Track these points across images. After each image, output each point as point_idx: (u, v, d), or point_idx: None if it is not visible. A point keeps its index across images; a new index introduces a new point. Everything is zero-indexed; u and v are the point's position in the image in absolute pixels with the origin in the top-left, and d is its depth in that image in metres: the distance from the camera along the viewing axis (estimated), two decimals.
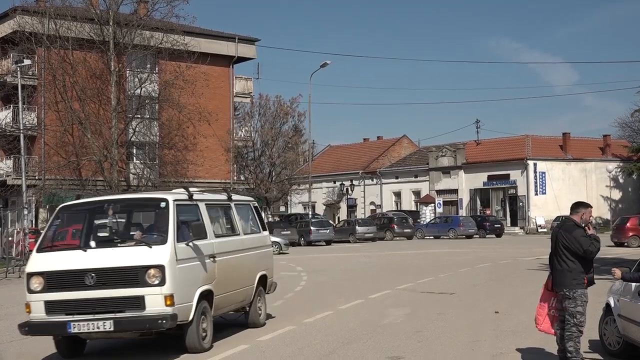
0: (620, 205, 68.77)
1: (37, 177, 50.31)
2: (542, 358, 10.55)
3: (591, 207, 10.34)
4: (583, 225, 9.94)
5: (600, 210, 66.60)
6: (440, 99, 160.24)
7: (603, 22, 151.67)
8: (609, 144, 71.97)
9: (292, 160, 65.86)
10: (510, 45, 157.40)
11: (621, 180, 68.93)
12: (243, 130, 62.39)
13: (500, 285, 21.31)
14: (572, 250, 9.74)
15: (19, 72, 41.93)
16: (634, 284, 10.20)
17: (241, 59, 61.45)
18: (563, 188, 63.36)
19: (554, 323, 10.07)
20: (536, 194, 65.20)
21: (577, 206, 10.33)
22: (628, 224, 40.70)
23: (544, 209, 62.60)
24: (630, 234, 39.91)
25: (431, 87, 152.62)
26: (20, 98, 41.44)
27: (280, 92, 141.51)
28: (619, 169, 66.99)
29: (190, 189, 12.44)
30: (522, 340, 11.53)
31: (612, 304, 10.94)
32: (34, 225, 45.82)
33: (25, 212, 38.78)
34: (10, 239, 32.18)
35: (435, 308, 16.36)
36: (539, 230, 61.11)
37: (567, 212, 10.74)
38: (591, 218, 10.46)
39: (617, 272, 10.27)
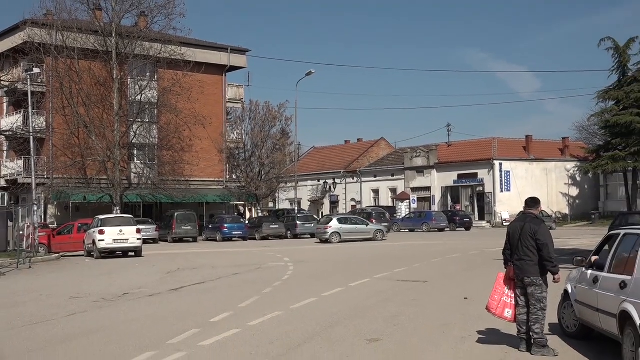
0: (577, 201, 69.10)
1: (45, 176, 50.09)
2: (504, 339, 10.59)
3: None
4: None
5: (560, 206, 67.05)
6: (415, 105, 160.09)
7: (564, 34, 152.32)
8: (568, 146, 72.20)
9: (280, 160, 65.80)
10: (478, 56, 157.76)
11: (578, 179, 69.20)
12: (235, 133, 62.25)
13: (469, 274, 21.40)
14: (539, 241, 9.82)
15: (28, 80, 41.71)
16: (589, 271, 10.29)
17: (233, 68, 61.34)
18: (526, 186, 63.50)
19: (505, 309, 10.13)
20: (501, 191, 65.33)
21: (535, 202, 10.45)
22: None
23: (509, 204, 62.73)
24: None
25: (407, 94, 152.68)
26: (30, 104, 41.22)
27: (269, 98, 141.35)
28: (577, 169, 67.19)
29: None
30: (488, 323, 11.56)
31: (570, 291, 11.00)
32: (43, 220, 45.70)
33: (35, 208, 38.51)
34: (21, 232, 32.00)
35: (409, 295, 16.38)
36: (504, 224, 61.13)
37: None
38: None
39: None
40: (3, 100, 54.62)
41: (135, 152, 54.28)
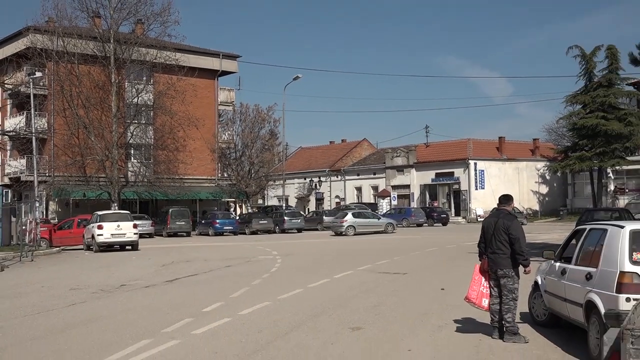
0: (547, 199, 69.45)
1: (47, 174, 49.95)
2: (478, 327, 10.63)
3: None
4: None
5: (530, 203, 67.36)
6: (396, 108, 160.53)
7: (535, 42, 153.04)
8: (538, 147, 72.51)
9: (269, 159, 65.81)
10: (455, 62, 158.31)
11: (548, 177, 69.51)
12: (226, 134, 62.28)
13: (445, 266, 21.45)
14: (511, 235, 9.86)
15: (31, 83, 41.62)
16: (557, 264, 10.34)
17: (225, 73, 61.34)
18: (499, 184, 63.72)
19: (482, 298, 10.17)
20: (476, 189, 65.54)
21: (508, 199, 10.50)
22: None
23: (483, 201, 62.95)
24: None
25: (388, 97, 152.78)
26: (32, 105, 41.11)
27: (258, 101, 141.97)
28: (546, 168, 67.47)
29: None
30: (464, 313, 11.60)
31: (540, 282, 11.05)
32: (44, 216, 45.50)
33: (37, 204, 38.44)
34: (24, 227, 31.84)
35: (390, 286, 16.41)
36: (479, 219, 61.37)
37: None
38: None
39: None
40: (7, 102, 54.48)
41: (132, 152, 54.18)
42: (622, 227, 8.78)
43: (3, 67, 52.95)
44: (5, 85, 47.81)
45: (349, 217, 45.56)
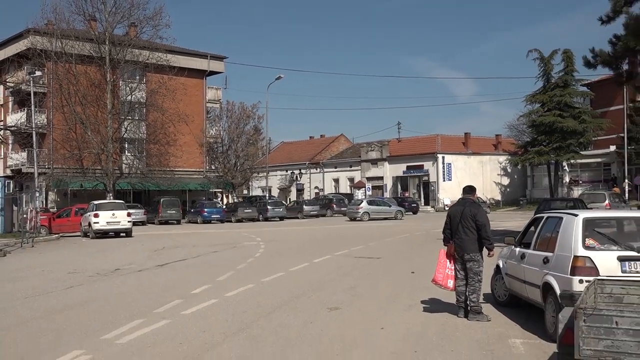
0: (508, 189, 69.83)
1: (46, 166, 49.52)
2: (444, 307, 10.68)
3: None
4: None
5: (493, 193, 67.67)
6: (371, 105, 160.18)
7: (499, 45, 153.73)
8: (500, 142, 72.83)
9: (253, 153, 65.83)
10: (425, 64, 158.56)
11: (509, 170, 69.89)
12: (213, 129, 62.03)
13: (415, 251, 21.53)
14: (478, 222, 9.91)
15: (31, 82, 41.26)
16: (517, 249, 10.42)
17: (212, 73, 60.99)
18: (465, 176, 63.94)
19: (448, 280, 10.22)
20: (444, 180, 65.80)
21: (472, 190, 10.59)
22: None
23: (450, 192, 63.19)
24: None
25: (364, 96, 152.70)
26: (32, 102, 40.86)
27: (244, 99, 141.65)
28: (507, 161, 67.79)
29: None
30: (431, 294, 11.66)
31: (501, 265, 11.13)
32: (44, 205, 45.16)
33: (37, 194, 38.13)
34: (25, 216, 31.65)
35: (365, 269, 16.45)
36: (446, 208, 61.71)
37: None
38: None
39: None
40: (9, 99, 54.15)
41: (126, 146, 53.79)
42: (576, 215, 8.87)
43: (5, 66, 52.50)
44: (7, 84, 47.50)
45: (364, 205, 47.46)
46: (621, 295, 7.18)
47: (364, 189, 71.25)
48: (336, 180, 77.68)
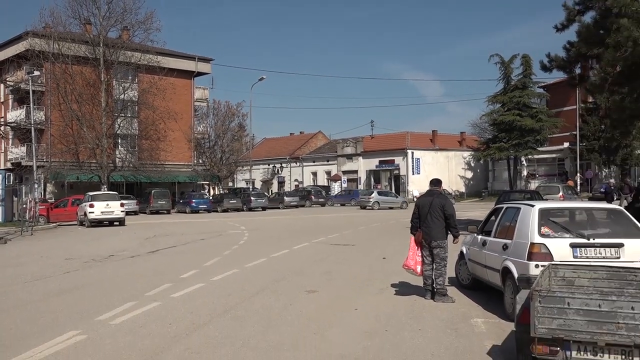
0: (471, 182, 70.31)
1: (44, 160, 48.94)
2: (412, 290, 10.73)
3: None
4: None
5: (458, 185, 68.12)
6: (347, 105, 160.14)
7: (464, 50, 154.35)
8: (465, 139, 73.34)
9: (237, 148, 65.60)
10: (397, 67, 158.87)
11: (472, 164, 70.39)
12: (201, 126, 61.83)
13: (387, 238, 21.58)
14: (446, 212, 9.96)
15: (30, 81, 40.80)
16: (479, 237, 10.49)
17: (200, 74, 60.59)
18: (432, 170, 64.28)
19: (417, 265, 10.25)
20: (413, 174, 66.07)
21: (439, 182, 10.64)
22: None
23: (418, 184, 63.42)
24: None
25: (340, 96, 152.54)
26: (31, 100, 40.44)
27: (229, 98, 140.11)
28: (471, 156, 68.34)
29: None
30: (401, 278, 11.72)
31: (465, 252, 11.21)
32: (42, 196, 44.68)
33: (36, 186, 37.76)
34: (24, 206, 31.27)
35: (340, 255, 16.47)
36: (414, 199, 61.96)
37: None
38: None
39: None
40: (9, 97, 53.60)
41: (119, 141, 53.35)
42: (532, 206, 8.94)
43: (5, 66, 51.86)
44: (8, 83, 46.95)
45: (375, 195, 49.90)
46: (572, 278, 7.27)
47: (340, 181, 71.37)
48: (314, 174, 77.68)
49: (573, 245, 8.34)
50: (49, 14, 50.49)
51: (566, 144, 58.41)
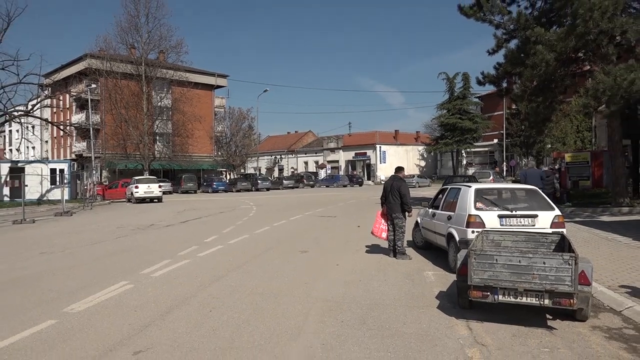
0: (424, 169, 70.44)
1: (100, 152, 48.56)
2: (380, 250, 10.79)
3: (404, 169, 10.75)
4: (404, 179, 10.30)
5: (414, 172, 68.19)
6: (330, 110, 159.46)
7: (421, 67, 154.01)
8: (419, 136, 73.41)
9: (247, 144, 65.15)
10: (368, 82, 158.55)
11: (425, 156, 70.57)
12: (220, 127, 61.40)
13: (361, 211, 21.60)
14: (401, 192, 9.97)
15: (88, 92, 40.47)
16: (430, 210, 10.52)
17: (219, 86, 60.20)
18: (395, 160, 64.55)
19: (382, 232, 10.28)
20: (380, 163, 66.25)
21: (400, 169, 10.61)
22: None
23: (384, 171, 63.71)
24: None
25: (325, 103, 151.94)
26: (89, 107, 40.19)
27: (241, 105, 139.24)
28: (424, 150, 68.46)
29: None
30: (372, 241, 11.76)
31: (419, 221, 11.23)
32: (99, 180, 44.40)
33: (94, 172, 37.45)
34: (85, 187, 31.13)
35: (326, 224, 16.46)
36: (381, 182, 62.11)
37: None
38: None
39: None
40: (72, 104, 52.92)
41: (157, 138, 52.91)
42: (470, 186, 8.97)
43: (70, 81, 51.25)
44: (72, 93, 46.47)
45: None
46: (499, 241, 7.32)
47: (325, 169, 71.30)
48: (306, 163, 77.59)
49: (500, 216, 8.37)
50: (102, 40, 50.03)
51: (495, 140, 58.63)
